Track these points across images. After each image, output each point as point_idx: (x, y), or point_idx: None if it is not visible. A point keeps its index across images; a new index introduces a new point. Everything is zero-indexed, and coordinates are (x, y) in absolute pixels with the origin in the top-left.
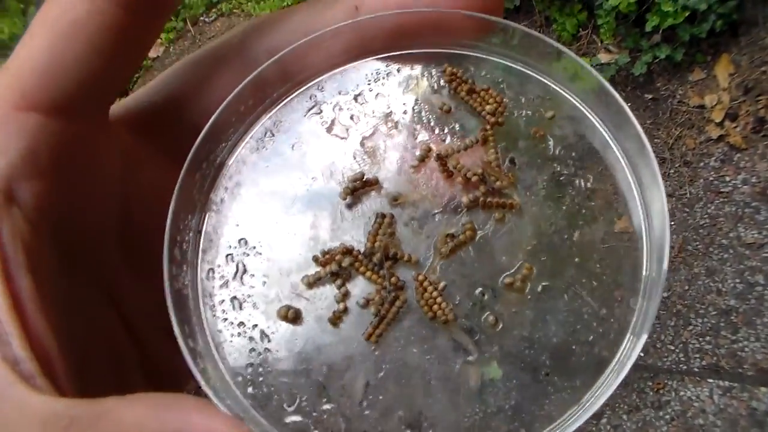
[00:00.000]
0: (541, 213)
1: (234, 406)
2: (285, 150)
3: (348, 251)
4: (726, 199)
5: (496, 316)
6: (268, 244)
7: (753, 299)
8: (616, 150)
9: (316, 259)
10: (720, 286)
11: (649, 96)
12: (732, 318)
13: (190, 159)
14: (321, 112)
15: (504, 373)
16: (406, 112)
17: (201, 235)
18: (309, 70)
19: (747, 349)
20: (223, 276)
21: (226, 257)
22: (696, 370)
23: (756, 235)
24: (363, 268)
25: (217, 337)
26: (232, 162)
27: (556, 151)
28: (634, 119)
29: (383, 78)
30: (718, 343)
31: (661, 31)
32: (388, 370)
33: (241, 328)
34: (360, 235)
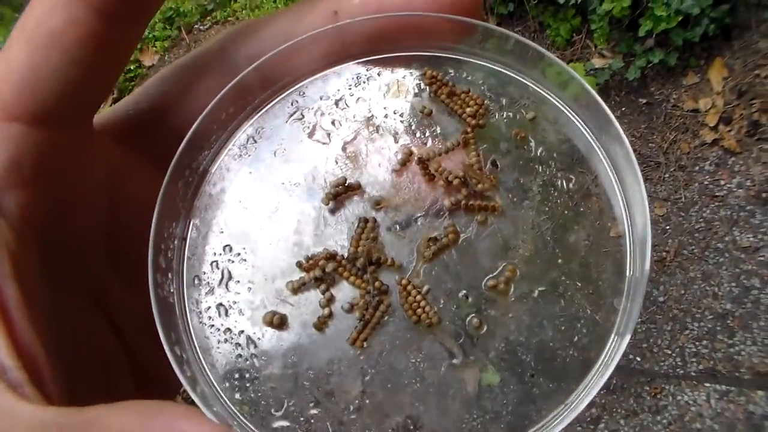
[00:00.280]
0: (524, 215)
1: (222, 412)
2: (267, 156)
3: (332, 256)
4: (721, 203)
5: (480, 319)
6: (253, 250)
7: (749, 303)
8: (598, 151)
9: (300, 265)
10: (716, 290)
11: (643, 100)
12: (728, 322)
13: (172, 167)
14: (303, 117)
15: (494, 384)
16: (387, 116)
17: (186, 242)
18: (290, 76)
19: (743, 352)
20: (208, 283)
21: (211, 264)
22: (693, 374)
23: (751, 238)
24: (347, 273)
25: (204, 343)
26: (215, 169)
27: (538, 153)
28: (615, 120)
29: (364, 82)
30: (714, 347)
31: (654, 36)
32: (374, 374)
33: (227, 335)
34: (343, 240)
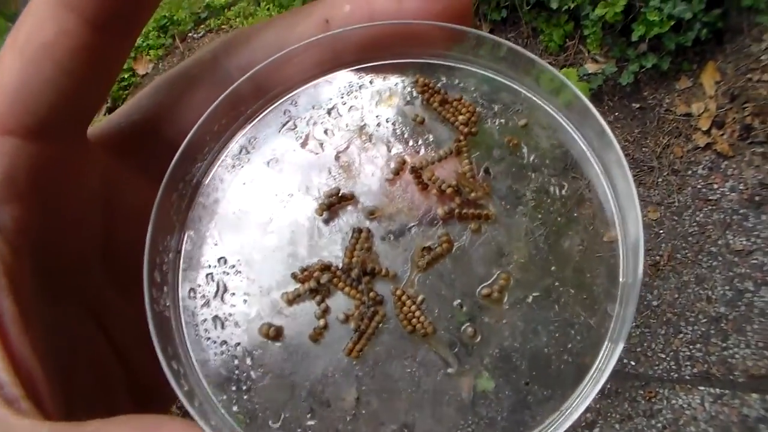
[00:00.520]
0: (517, 222)
1: (220, 424)
2: (260, 167)
3: (326, 267)
4: (714, 207)
5: (474, 328)
6: (247, 262)
7: (743, 306)
8: (591, 157)
9: (295, 276)
10: (710, 293)
11: (636, 105)
12: (722, 325)
13: (166, 179)
14: (295, 127)
15: (488, 390)
16: (379, 125)
17: (180, 255)
18: (282, 85)
19: (737, 355)
20: (204, 295)
21: (206, 276)
22: (687, 377)
23: (744, 242)
24: (341, 284)
25: (201, 356)
26: (208, 181)
27: (531, 159)
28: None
29: (356, 90)
30: (708, 351)
31: (647, 41)
32: (371, 385)
33: (223, 347)
34: (337, 251)
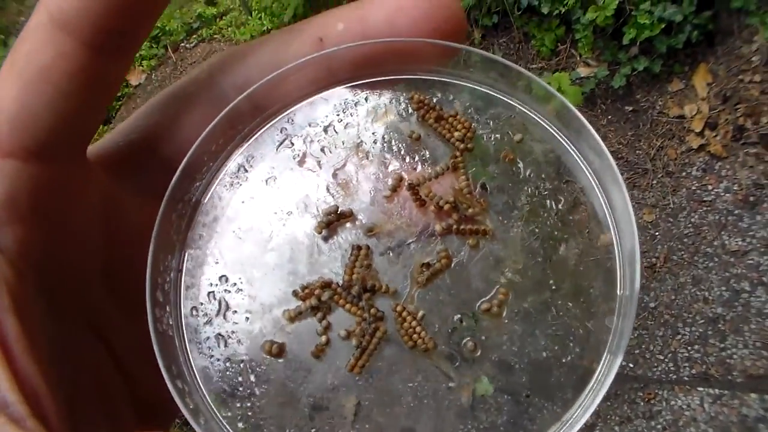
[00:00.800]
0: (514, 237)
1: None
2: (259, 185)
3: (327, 284)
4: (709, 208)
5: (475, 342)
6: (249, 280)
7: (740, 306)
8: (586, 170)
9: (296, 294)
10: (706, 294)
11: (629, 108)
12: (719, 326)
13: (166, 200)
14: (292, 145)
15: (488, 395)
16: (376, 142)
17: (182, 274)
18: (278, 104)
19: (735, 356)
20: (206, 314)
21: (208, 295)
22: (686, 378)
23: (740, 242)
24: (342, 301)
25: (205, 374)
26: (207, 200)
27: (527, 174)
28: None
29: (352, 108)
30: (706, 352)
31: (638, 44)
32: (373, 400)
33: (227, 364)
34: (338, 268)
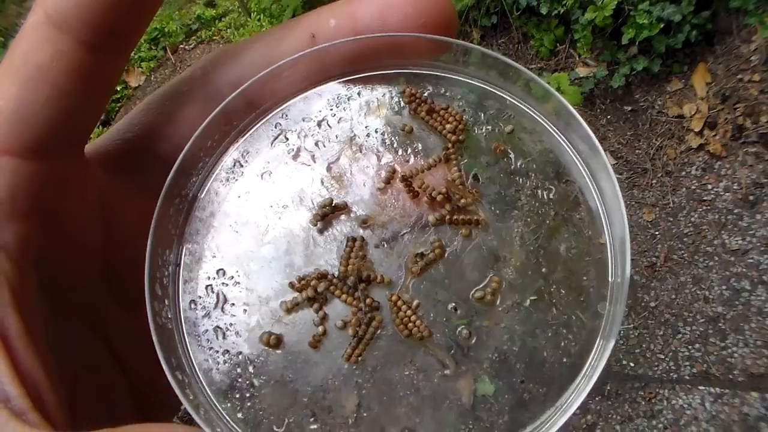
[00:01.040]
0: (507, 226)
1: (225, 431)
2: (254, 179)
3: (323, 276)
4: (709, 207)
5: (469, 330)
6: (246, 272)
7: (740, 305)
8: (576, 160)
9: (292, 285)
10: (707, 293)
11: (628, 108)
12: (720, 325)
13: (163, 195)
14: (287, 140)
15: (489, 395)
16: (369, 135)
17: (180, 268)
18: (272, 99)
19: (736, 354)
20: (204, 307)
21: (206, 288)
22: (687, 377)
23: (740, 241)
24: (338, 292)
25: (204, 366)
26: (204, 195)
27: (518, 165)
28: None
29: (345, 102)
30: (707, 350)
31: (637, 44)
32: (371, 389)
33: (226, 356)
34: (333, 259)
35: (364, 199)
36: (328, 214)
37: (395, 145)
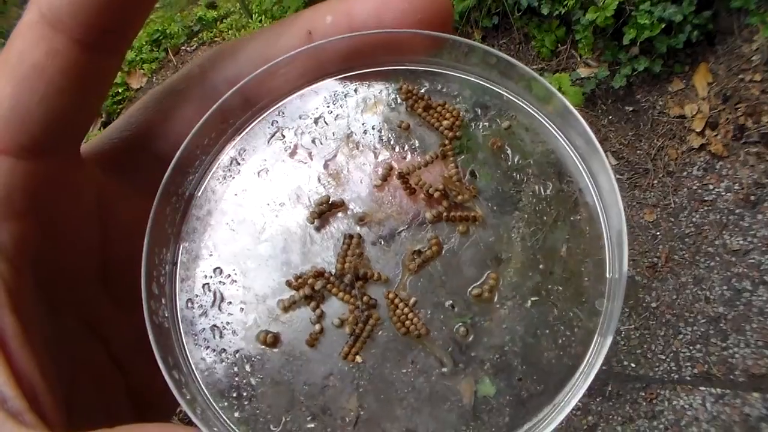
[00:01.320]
0: (504, 223)
1: (222, 430)
2: (251, 178)
3: (320, 274)
4: (710, 207)
5: (467, 327)
6: (243, 271)
7: (741, 305)
8: (573, 156)
9: (289, 284)
10: (708, 293)
11: (629, 108)
12: (721, 325)
13: (159, 193)
14: (284, 137)
15: (490, 396)
16: (366, 132)
17: (176, 267)
18: (269, 97)
19: (737, 355)
20: (201, 305)
21: (203, 287)
22: (688, 378)
23: (741, 241)
24: (335, 290)
25: (201, 365)
26: (200, 193)
27: (515, 161)
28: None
29: (341, 99)
30: (708, 351)
31: (638, 44)
32: (368, 387)
33: (223, 355)
34: (330, 257)
35: (361, 196)
36: (325, 211)
37: (392, 141)
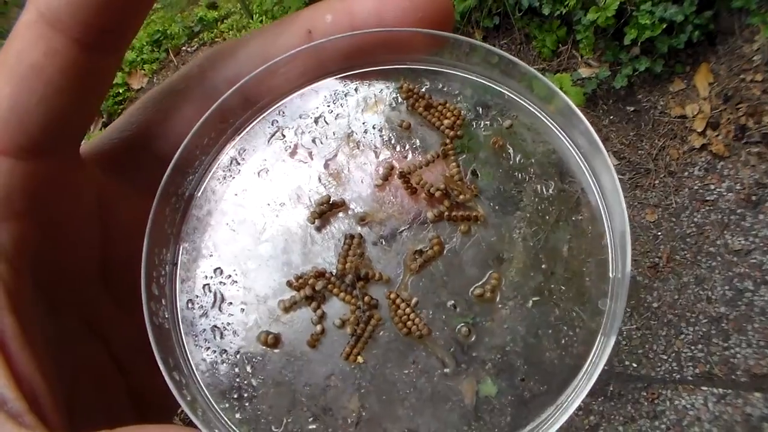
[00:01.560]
0: (506, 222)
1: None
2: (251, 177)
3: (321, 274)
4: (711, 207)
5: (469, 327)
6: (243, 271)
7: (743, 305)
8: (576, 155)
9: (290, 284)
10: (710, 293)
11: (631, 108)
12: (723, 325)
13: (159, 194)
14: (284, 137)
15: (491, 396)
16: (366, 131)
17: (177, 267)
18: (269, 96)
19: (739, 355)
20: (202, 306)
21: (203, 287)
22: (689, 378)
23: (743, 241)
24: (336, 290)
25: (202, 366)
26: (200, 193)
27: (517, 160)
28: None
29: (342, 98)
30: (710, 351)
31: (639, 44)
32: (370, 388)
33: (223, 356)
34: (331, 257)
35: (362, 196)
36: (325, 211)
37: (393, 141)
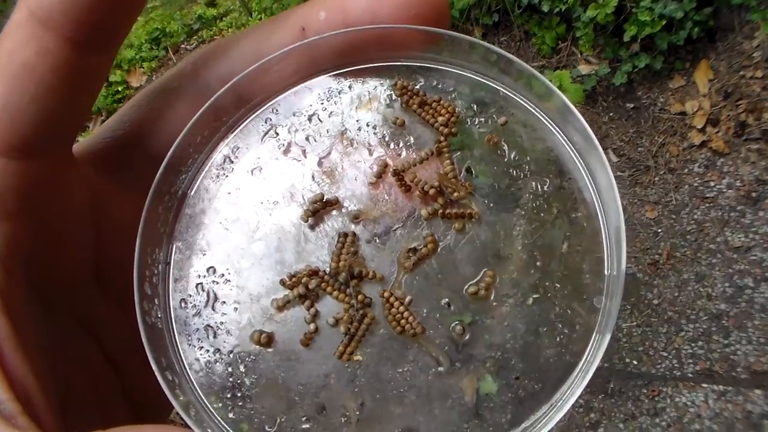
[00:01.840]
0: (501, 220)
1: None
2: (245, 176)
3: (314, 272)
4: (711, 204)
5: (463, 326)
6: (236, 270)
7: (743, 302)
8: (571, 152)
9: (283, 283)
10: (710, 290)
11: (630, 105)
12: (723, 322)
13: (152, 192)
14: (277, 135)
15: (492, 394)
16: (360, 129)
17: (170, 266)
18: (262, 94)
19: (739, 352)
20: (195, 305)
21: (197, 286)
22: (690, 375)
23: (743, 238)
24: (330, 288)
25: (195, 366)
26: (193, 192)
27: (512, 157)
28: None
29: (335, 96)
30: (710, 348)
31: (639, 41)
32: (363, 386)
33: (217, 355)
34: (324, 255)
35: (356, 193)
36: (319, 209)
37: (387, 138)
